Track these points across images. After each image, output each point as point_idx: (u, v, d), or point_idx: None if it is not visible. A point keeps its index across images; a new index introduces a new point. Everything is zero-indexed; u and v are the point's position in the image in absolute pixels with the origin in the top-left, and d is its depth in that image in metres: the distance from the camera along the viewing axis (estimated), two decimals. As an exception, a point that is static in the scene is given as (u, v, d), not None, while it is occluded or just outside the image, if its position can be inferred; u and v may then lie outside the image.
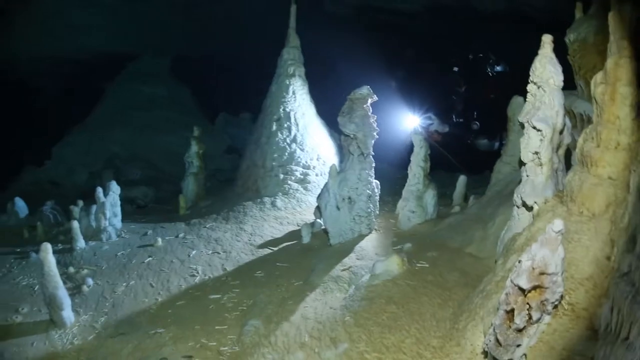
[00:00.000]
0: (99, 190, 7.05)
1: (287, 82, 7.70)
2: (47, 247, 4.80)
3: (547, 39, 3.14)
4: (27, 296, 5.56)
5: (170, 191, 11.04)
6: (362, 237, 5.68)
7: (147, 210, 9.75)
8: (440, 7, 8.32)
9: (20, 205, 8.77)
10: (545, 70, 3.11)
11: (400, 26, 7.54)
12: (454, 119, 7.63)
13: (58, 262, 5.12)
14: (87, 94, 15.49)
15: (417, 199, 5.69)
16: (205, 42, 14.84)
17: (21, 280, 5.94)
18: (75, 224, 6.60)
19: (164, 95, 15.74)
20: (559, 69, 3.13)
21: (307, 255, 5.62)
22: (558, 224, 2.41)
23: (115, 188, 7.18)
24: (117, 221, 7.23)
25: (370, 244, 5.43)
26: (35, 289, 5.71)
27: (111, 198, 7.13)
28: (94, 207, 7.29)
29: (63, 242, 6.95)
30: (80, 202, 8.00)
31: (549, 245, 2.44)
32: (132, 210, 8.70)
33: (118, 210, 7.25)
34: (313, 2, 8.46)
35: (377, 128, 5.74)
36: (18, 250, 6.95)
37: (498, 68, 7.24)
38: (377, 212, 5.90)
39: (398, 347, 3.33)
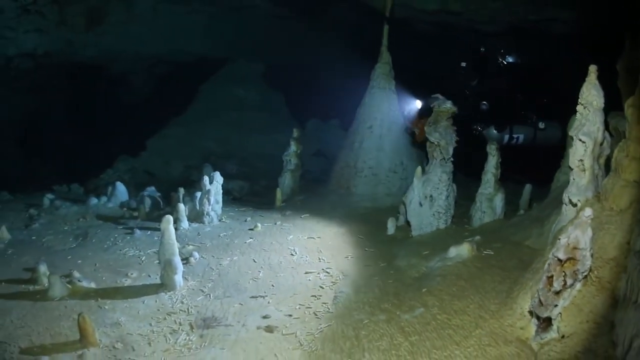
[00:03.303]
0: (205, 178, 7.70)
1: (379, 95, 8.42)
2: (169, 219, 5.23)
3: (592, 69, 3.90)
4: (135, 264, 5.98)
5: (263, 186, 11.77)
6: (439, 230, 6.43)
7: (242, 202, 10.23)
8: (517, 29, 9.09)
9: (121, 190, 9.31)
10: (590, 94, 3.88)
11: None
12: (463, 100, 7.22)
13: None
14: (180, 93, 16.36)
15: (487, 201, 6.41)
16: (297, 52, 15.47)
17: (127, 252, 6.41)
18: (181, 206, 7.28)
19: (256, 98, 16.49)
20: (601, 93, 3.88)
21: (391, 244, 6.36)
22: (588, 211, 3.23)
23: (219, 178, 7.77)
24: (219, 208, 7.82)
25: (446, 235, 6.12)
26: (143, 259, 6.14)
27: (215, 186, 7.73)
28: (196, 194, 7.93)
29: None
30: (181, 189, 8.75)
31: (580, 227, 3.24)
32: (228, 200, 9.11)
33: (220, 197, 7.83)
34: (402, 22, 9.21)
35: (457, 137, 6.51)
36: (120, 227, 7.49)
37: (509, 59, 7.17)
38: (453, 211, 6.63)
39: (464, 311, 4.10)
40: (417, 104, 7.62)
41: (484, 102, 6.97)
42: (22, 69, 13.66)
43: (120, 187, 9.36)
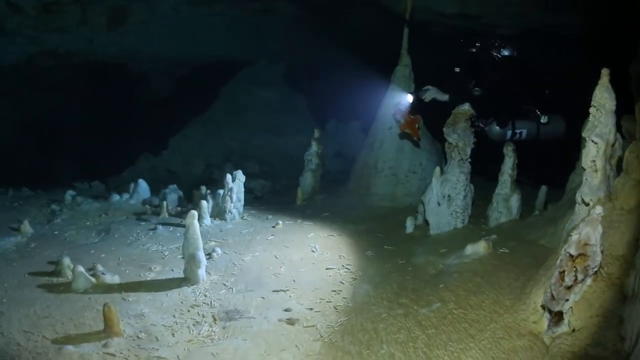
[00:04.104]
0: (228, 176, 7.83)
1: (399, 97, 8.37)
2: (194, 214, 5.42)
3: (605, 72, 4.03)
4: (158, 259, 6.11)
5: (284, 185, 11.99)
6: (457, 229, 6.55)
7: (263, 201, 10.51)
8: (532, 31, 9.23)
9: (143, 187, 9.46)
10: (602, 96, 4.01)
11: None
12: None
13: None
14: (201, 93, 16.55)
15: (504, 201, 6.53)
16: (318, 54, 15.78)
17: (150, 247, 6.55)
18: (204, 203, 7.41)
19: (277, 99, 16.72)
20: (613, 95, 4.01)
21: (409, 242, 6.49)
22: (598, 209, 3.36)
23: (241, 176, 7.92)
24: (240, 206, 7.97)
25: (463, 234, 6.25)
26: (166, 254, 6.29)
27: (237, 185, 7.88)
28: (219, 191, 8.10)
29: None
30: (203, 187, 8.94)
31: (591, 224, 3.37)
32: (250, 199, 9.25)
33: (242, 196, 7.99)
34: (422, 25, 9.33)
35: (475, 138, 6.63)
36: (143, 223, 7.65)
37: (505, 52, 6.89)
38: (470, 211, 6.76)
39: (479, 306, 4.24)
40: (409, 97, 7.49)
41: (477, 89, 6.77)
42: (43, 68, 13.99)
43: (143, 185, 9.51)
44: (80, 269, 5.24)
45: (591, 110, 4.12)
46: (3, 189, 10.19)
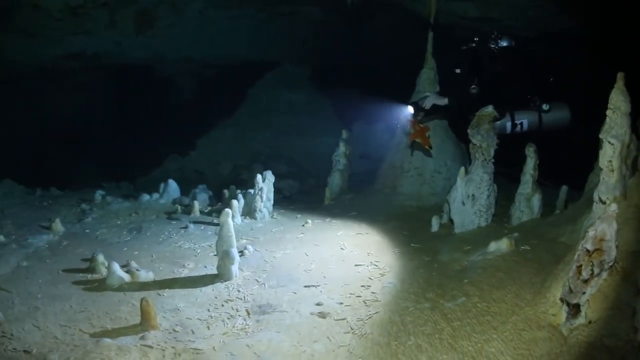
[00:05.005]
0: (259, 176, 8.06)
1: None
2: (228, 212, 5.62)
3: (620, 76, 4.23)
4: (191, 256, 6.34)
5: (311, 185, 12.27)
6: (480, 228, 6.74)
7: (292, 200, 10.80)
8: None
9: (173, 187, 9.67)
10: (618, 99, 4.20)
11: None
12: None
13: (216, 233, 5.91)
14: (227, 95, 16.85)
15: (526, 201, 6.70)
16: (343, 56, 15.73)
17: (182, 245, 6.78)
18: (235, 202, 7.62)
19: (303, 101, 16.97)
20: (628, 98, 4.20)
21: (435, 240, 6.69)
22: (613, 206, 3.58)
23: (271, 177, 8.20)
24: (270, 205, 8.23)
25: (486, 232, 6.43)
26: (198, 251, 6.53)
27: (267, 184, 8.15)
28: (249, 191, 8.36)
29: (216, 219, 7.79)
30: (233, 187, 9.19)
31: (607, 221, 3.58)
32: (279, 199, 9.39)
33: (272, 195, 8.26)
34: (446, 28, 9.50)
35: (497, 140, 6.79)
36: (173, 222, 7.87)
37: (503, 43, 6.83)
38: (494, 210, 6.94)
39: (502, 299, 4.45)
40: (410, 108, 7.66)
41: (474, 87, 6.83)
42: (69, 69, 14.19)
43: (173, 185, 9.71)
44: (115, 265, 5.45)
45: (608, 112, 4.31)
46: (30, 188, 10.37)
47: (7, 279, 5.46)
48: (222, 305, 4.96)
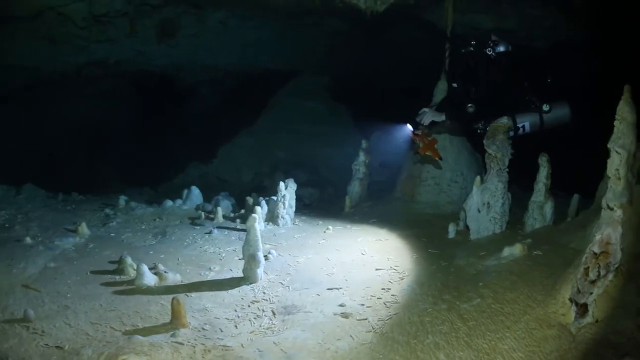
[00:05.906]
0: (281, 184, 8.31)
1: (441, 110, 8.90)
2: (255, 217, 5.82)
3: (627, 88, 4.44)
4: (216, 259, 6.55)
5: (331, 194, 12.45)
6: (495, 234, 6.95)
7: (313, 208, 10.96)
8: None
9: (196, 193, 9.91)
10: (625, 110, 4.41)
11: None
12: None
13: (240, 238, 6.14)
14: (247, 104, 17.09)
15: (539, 209, 6.92)
16: (362, 67, 15.97)
17: (207, 249, 6.99)
18: (258, 209, 7.68)
19: (322, 110, 17.09)
20: (634, 109, 4.42)
21: (451, 246, 6.91)
22: (618, 212, 3.86)
23: (293, 184, 8.44)
24: (292, 212, 8.47)
25: (500, 239, 6.63)
26: (223, 255, 6.74)
27: (289, 192, 8.39)
28: (272, 198, 8.58)
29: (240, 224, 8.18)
30: (254, 194, 9.43)
31: (612, 225, 3.86)
32: (300, 206, 9.49)
33: (293, 202, 8.49)
34: (463, 40, 9.66)
35: (512, 150, 7.01)
36: (197, 227, 8.08)
37: (500, 48, 6.80)
38: (508, 217, 7.13)
39: (514, 301, 4.68)
40: (409, 126, 7.69)
41: (471, 105, 6.84)
42: (92, 77, 14.39)
43: (195, 191, 9.94)
44: (144, 267, 5.66)
45: (615, 123, 4.54)
46: (52, 192, 10.55)
47: (36, 279, 5.61)
48: (249, 306, 5.16)
